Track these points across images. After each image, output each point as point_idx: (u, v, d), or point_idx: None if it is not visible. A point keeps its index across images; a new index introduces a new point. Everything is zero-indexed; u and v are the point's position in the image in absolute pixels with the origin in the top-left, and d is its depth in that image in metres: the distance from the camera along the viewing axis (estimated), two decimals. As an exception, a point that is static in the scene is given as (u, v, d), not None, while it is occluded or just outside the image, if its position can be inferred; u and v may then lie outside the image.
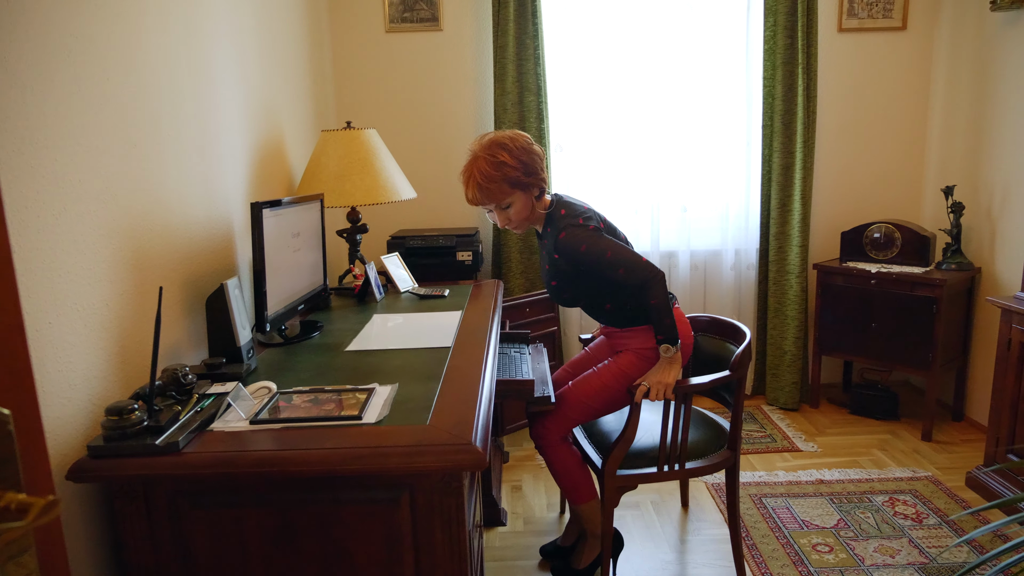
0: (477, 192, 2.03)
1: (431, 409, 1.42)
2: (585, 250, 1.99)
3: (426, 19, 3.53)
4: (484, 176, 2.00)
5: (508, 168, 1.99)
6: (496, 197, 2.03)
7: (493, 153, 2.01)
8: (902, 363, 3.26)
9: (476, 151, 2.04)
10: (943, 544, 2.37)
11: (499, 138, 2.04)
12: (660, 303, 1.97)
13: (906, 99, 3.65)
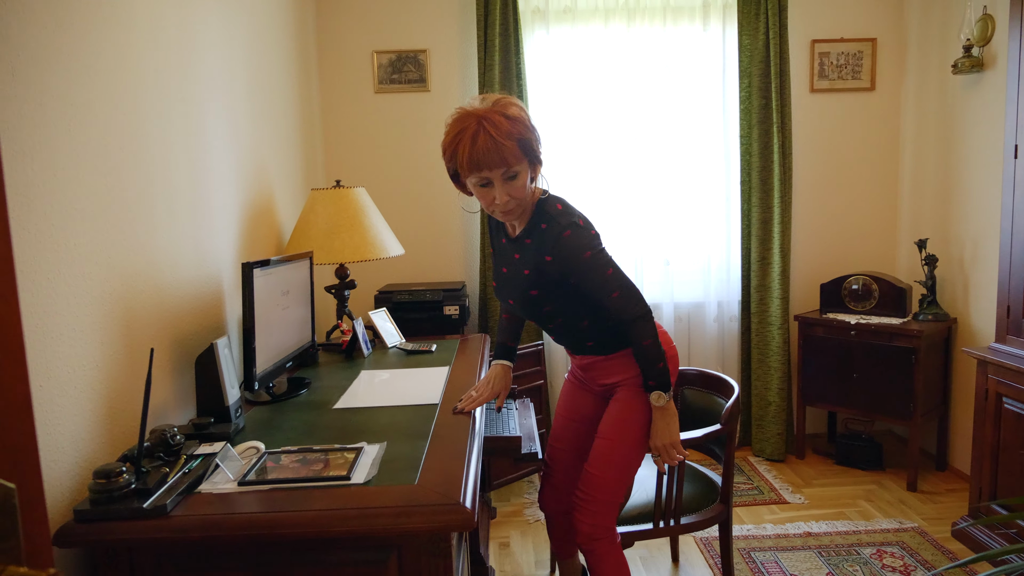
0: (485, 150, 1.60)
1: (419, 468, 1.43)
2: (589, 257, 1.71)
3: (414, 80, 3.64)
4: (498, 131, 1.60)
5: (523, 127, 1.65)
6: (507, 160, 1.62)
7: (505, 108, 1.65)
8: (884, 413, 3.30)
9: (478, 108, 1.65)
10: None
11: (506, 96, 1.71)
12: (653, 344, 1.73)
13: (878, 155, 3.79)
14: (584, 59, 3.59)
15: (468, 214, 3.69)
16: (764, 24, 3.47)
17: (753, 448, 3.69)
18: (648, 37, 3.55)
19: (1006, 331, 2.58)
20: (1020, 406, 2.42)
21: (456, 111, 1.69)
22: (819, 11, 3.68)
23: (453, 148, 1.67)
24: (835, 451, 3.59)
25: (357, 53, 3.62)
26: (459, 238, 3.74)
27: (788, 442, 3.64)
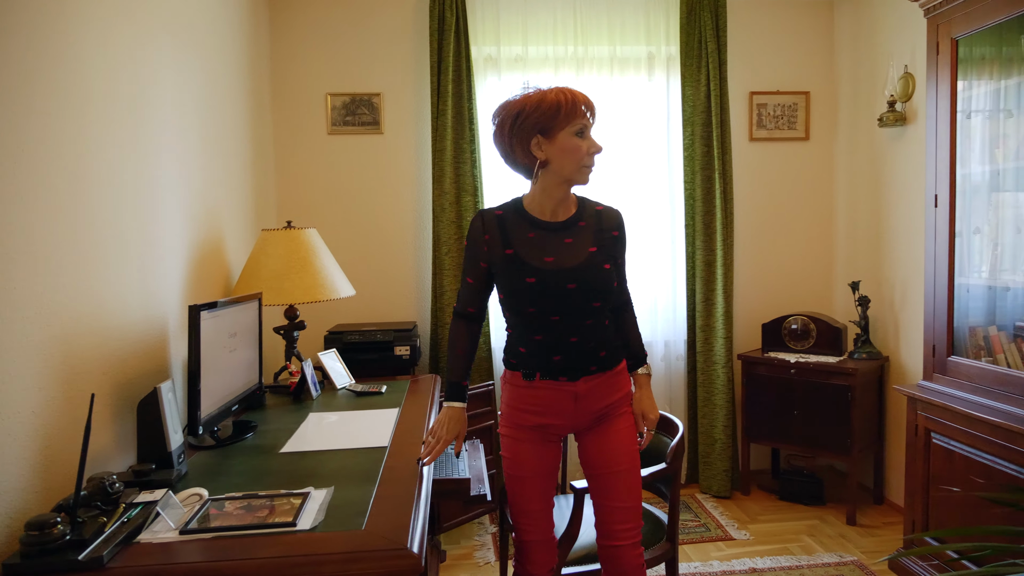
0: (585, 99, 1.73)
1: (367, 513, 1.43)
2: (620, 236, 1.87)
3: (368, 123, 3.68)
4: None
5: None
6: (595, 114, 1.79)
7: None
8: (824, 449, 3.41)
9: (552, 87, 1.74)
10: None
11: None
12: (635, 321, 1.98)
13: (814, 201, 3.98)
14: (534, 105, 3.70)
15: (419, 254, 3.72)
16: (705, 76, 3.64)
17: (700, 485, 3.75)
18: (596, 86, 3.69)
19: (932, 370, 2.71)
20: (948, 441, 2.54)
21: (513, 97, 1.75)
22: (757, 65, 3.88)
23: (548, 101, 1.68)
24: (779, 487, 3.68)
25: (311, 95, 3.65)
26: (410, 278, 3.76)
27: (734, 479, 3.72)
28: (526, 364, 1.83)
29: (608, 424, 1.87)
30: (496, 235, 1.80)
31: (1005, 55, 2.56)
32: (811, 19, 3.92)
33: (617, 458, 1.86)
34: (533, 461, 1.87)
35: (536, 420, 1.85)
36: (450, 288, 3.56)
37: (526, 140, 1.72)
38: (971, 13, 2.46)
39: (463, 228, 3.55)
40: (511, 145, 1.75)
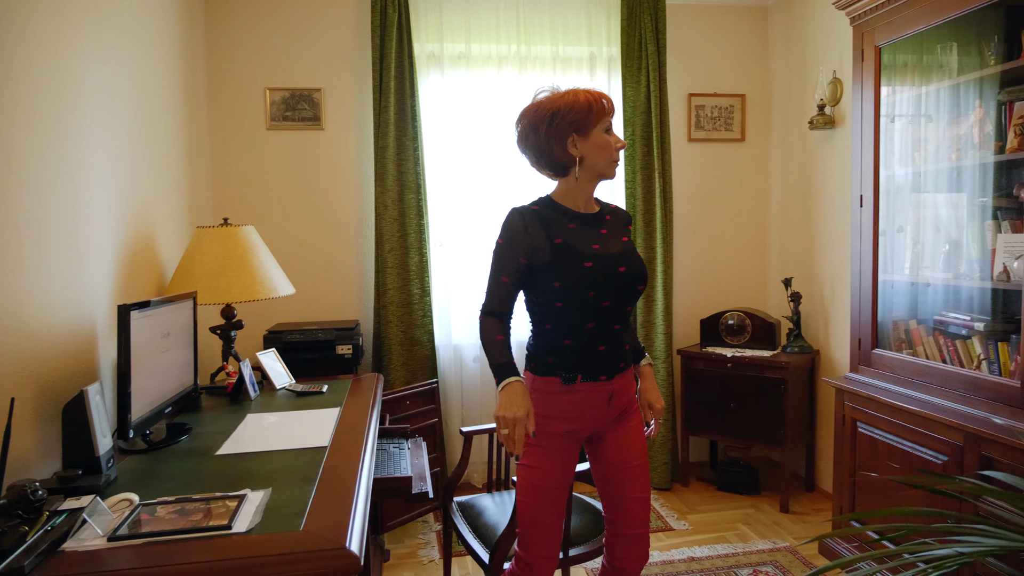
0: (610, 101, 1.84)
1: (305, 514, 1.41)
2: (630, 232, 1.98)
3: (308, 119, 3.62)
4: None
5: None
6: None
7: None
8: (759, 440, 3.53)
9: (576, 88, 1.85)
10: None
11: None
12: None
13: (749, 201, 4.11)
14: (478, 104, 3.70)
15: (361, 251, 3.69)
16: (646, 77, 3.72)
17: (642, 478, 3.83)
18: (539, 84, 3.70)
19: (858, 362, 2.84)
20: (872, 430, 2.66)
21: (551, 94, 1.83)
22: (695, 67, 3.98)
23: (580, 102, 1.77)
24: (716, 478, 3.79)
25: (249, 89, 3.57)
26: (353, 277, 3.72)
27: (674, 471, 3.81)
28: (565, 366, 1.81)
29: (626, 420, 1.92)
30: (539, 228, 1.82)
31: (925, 63, 2.70)
32: (747, 25, 4.04)
33: (636, 453, 1.91)
34: (559, 470, 1.84)
35: (566, 426, 1.83)
36: (393, 286, 3.54)
37: (563, 139, 1.79)
38: (893, 23, 2.58)
39: (407, 226, 3.54)
40: (548, 145, 1.80)
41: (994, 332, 2.37)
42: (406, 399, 3.12)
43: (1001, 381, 2.19)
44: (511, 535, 2.03)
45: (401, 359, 3.57)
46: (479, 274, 3.74)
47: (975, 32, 2.45)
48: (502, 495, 2.48)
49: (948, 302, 2.61)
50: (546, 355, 1.84)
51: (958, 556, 0.97)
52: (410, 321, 3.58)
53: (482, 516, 2.31)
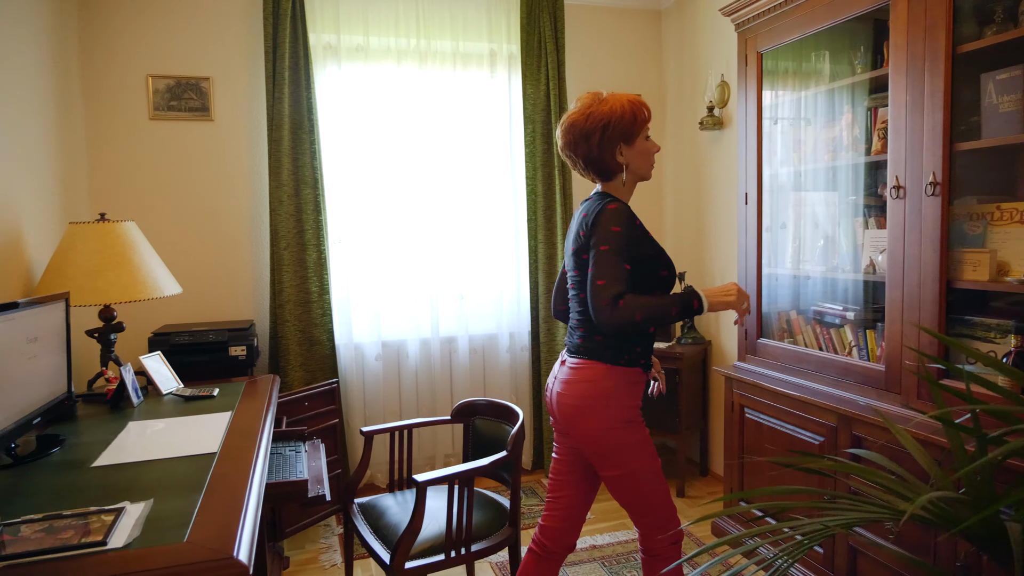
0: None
1: (190, 524, 1.34)
2: None
3: (196, 108, 3.44)
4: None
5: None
6: None
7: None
8: (656, 429, 3.66)
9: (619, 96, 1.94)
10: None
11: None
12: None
13: (645, 198, 4.24)
14: (378, 97, 3.64)
15: (256, 248, 3.55)
16: (545, 75, 3.77)
17: (546, 470, 3.89)
18: (439, 80, 3.69)
19: (745, 351, 3.00)
20: (758, 415, 2.82)
21: (592, 101, 1.91)
22: (592, 67, 4.07)
23: (628, 113, 1.88)
24: (617, 467, 3.90)
25: (129, 76, 3.35)
26: (247, 275, 3.57)
27: (577, 462, 3.89)
28: (646, 355, 1.94)
29: None
30: (638, 227, 1.89)
31: (803, 69, 2.88)
32: (642, 27, 4.17)
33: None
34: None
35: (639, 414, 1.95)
36: (290, 284, 3.43)
37: (613, 149, 1.89)
38: (773, 30, 2.74)
39: (303, 222, 3.43)
40: (599, 155, 1.90)
41: (863, 321, 2.56)
42: (304, 400, 3.02)
43: (869, 366, 2.37)
44: (412, 534, 2.01)
45: (299, 359, 3.46)
46: (380, 271, 3.68)
47: (846, 42, 2.64)
48: (404, 494, 2.45)
49: (825, 293, 2.80)
50: (634, 346, 1.91)
51: (825, 529, 1.04)
52: (308, 320, 3.48)
53: (384, 516, 2.28)
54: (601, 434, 1.87)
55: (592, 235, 1.83)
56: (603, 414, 1.86)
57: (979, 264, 2.05)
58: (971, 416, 1.16)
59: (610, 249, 1.79)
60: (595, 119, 1.87)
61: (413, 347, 3.73)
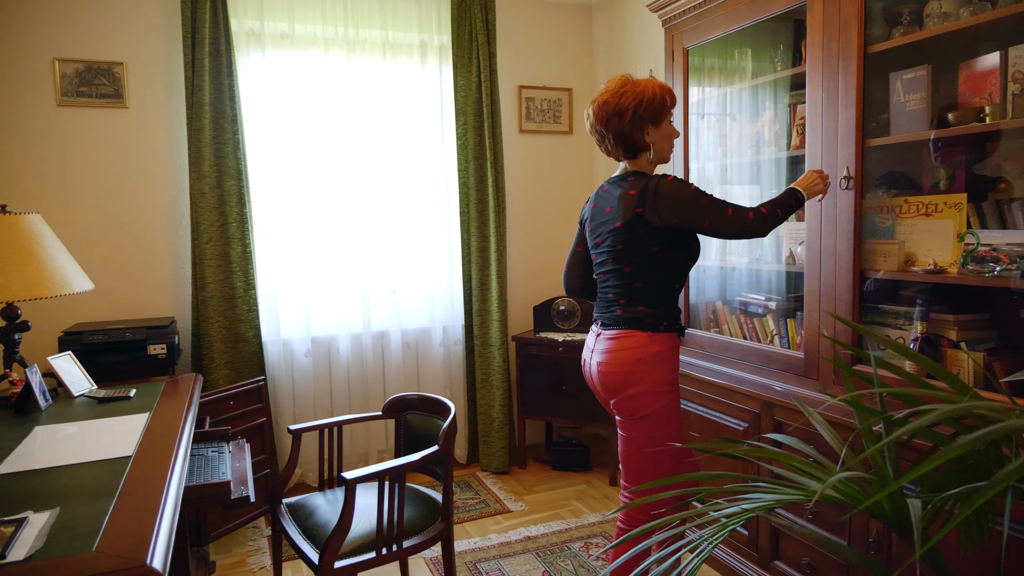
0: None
1: (100, 533, 1.27)
2: None
3: (108, 95, 3.27)
4: None
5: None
6: None
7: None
8: (589, 419, 3.71)
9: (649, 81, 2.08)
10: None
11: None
12: None
13: (578, 190, 4.29)
14: (304, 87, 3.54)
15: (176, 242, 3.40)
16: (476, 67, 3.74)
17: (481, 464, 3.89)
18: (369, 70, 3.62)
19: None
20: (686, 404, 2.89)
21: (624, 82, 2.04)
22: (524, 60, 4.07)
23: (658, 96, 2.03)
24: (552, 458, 3.94)
25: (34, 60, 3.15)
26: (166, 269, 3.42)
27: (512, 454, 3.91)
28: (680, 322, 2.10)
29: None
30: None
31: (729, 66, 2.95)
32: (572, 21, 4.20)
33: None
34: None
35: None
36: (213, 279, 3.30)
37: (643, 128, 2.03)
38: (698, 27, 2.80)
39: (227, 215, 3.31)
40: (630, 131, 2.03)
41: (785, 310, 2.65)
42: (229, 399, 2.92)
43: (789, 353, 2.46)
44: (342, 533, 1.97)
45: (224, 357, 3.34)
46: (309, 265, 3.59)
47: (768, 40, 2.72)
48: (335, 493, 2.40)
49: (750, 284, 2.89)
50: (672, 311, 2.07)
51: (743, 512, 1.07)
52: (233, 316, 3.36)
53: (313, 516, 2.22)
54: (645, 396, 2.00)
55: (672, 206, 1.96)
56: (648, 378, 2.00)
57: (889, 255, 2.16)
58: (878, 399, 1.21)
59: (707, 198, 1.97)
60: (629, 97, 2.01)
61: (344, 342, 3.66)
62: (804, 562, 2.31)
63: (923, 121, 2.07)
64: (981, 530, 1.16)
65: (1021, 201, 1.92)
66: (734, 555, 2.63)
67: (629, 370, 2.00)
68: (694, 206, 1.96)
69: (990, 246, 1.92)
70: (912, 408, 1.04)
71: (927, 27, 2.04)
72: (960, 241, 2.02)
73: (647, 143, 2.05)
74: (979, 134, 2.00)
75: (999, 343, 2.03)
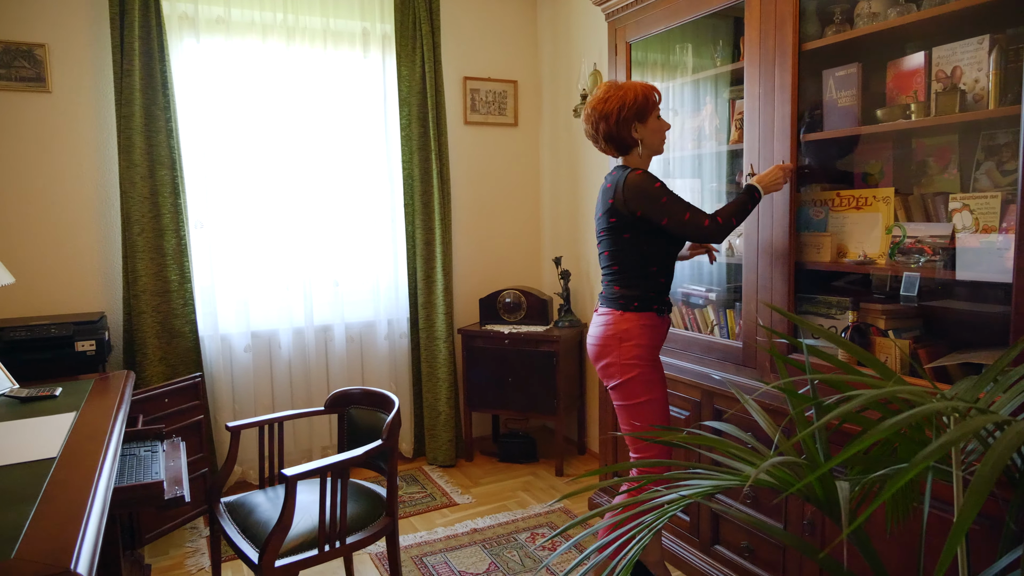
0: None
1: (19, 539, 1.21)
2: None
3: (29, 79, 3.10)
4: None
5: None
6: None
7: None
8: (535, 411, 3.73)
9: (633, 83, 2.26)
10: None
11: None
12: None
13: (523, 183, 4.29)
14: (242, 74, 3.43)
15: (106, 234, 3.26)
16: (420, 57, 3.70)
17: (427, 457, 3.87)
18: (309, 58, 3.54)
19: (618, 332, 3.10)
20: (629, 394, 2.93)
21: (609, 88, 2.23)
22: (470, 51, 4.05)
23: (640, 96, 2.19)
24: (498, 450, 3.95)
25: (-55, 39, 2.96)
26: (96, 262, 3.28)
27: (458, 447, 3.90)
28: (661, 301, 2.26)
29: None
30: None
31: (671, 61, 2.99)
32: (518, 13, 4.18)
33: None
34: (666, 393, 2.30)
35: (658, 354, 2.29)
36: (146, 273, 3.18)
37: (629, 126, 2.20)
38: (640, 22, 2.82)
39: (160, 206, 3.19)
40: (617, 131, 2.21)
41: (725, 301, 2.71)
42: (164, 397, 2.82)
43: (728, 343, 2.52)
44: (282, 531, 1.93)
45: (159, 353, 3.22)
46: (248, 258, 3.49)
47: (708, 36, 2.77)
48: (276, 490, 2.35)
49: (692, 276, 2.94)
50: (648, 292, 2.23)
51: (681, 499, 1.09)
52: (168, 311, 3.24)
53: (253, 514, 2.17)
54: (614, 367, 2.23)
55: (636, 199, 2.14)
56: (616, 352, 2.22)
57: (822, 247, 2.23)
58: (810, 386, 1.25)
59: (668, 197, 2.13)
60: (612, 102, 2.20)
61: (286, 336, 3.58)
62: (743, 545, 2.38)
63: (854, 117, 2.14)
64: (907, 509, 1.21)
65: (943, 195, 2.01)
66: (676, 540, 2.69)
67: (602, 343, 2.26)
68: (655, 202, 2.13)
69: (915, 238, 2.01)
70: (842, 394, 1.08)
71: (858, 26, 2.10)
72: (888, 233, 2.10)
73: (635, 139, 2.22)
74: (905, 130, 2.08)
75: (924, 331, 2.13)
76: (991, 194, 1.86)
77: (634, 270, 2.23)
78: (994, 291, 1.94)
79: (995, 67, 1.78)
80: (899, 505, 1.23)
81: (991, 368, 1.16)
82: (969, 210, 1.89)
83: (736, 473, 1.15)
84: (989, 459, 0.79)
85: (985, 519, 1.63)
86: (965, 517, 0.75)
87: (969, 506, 0.74)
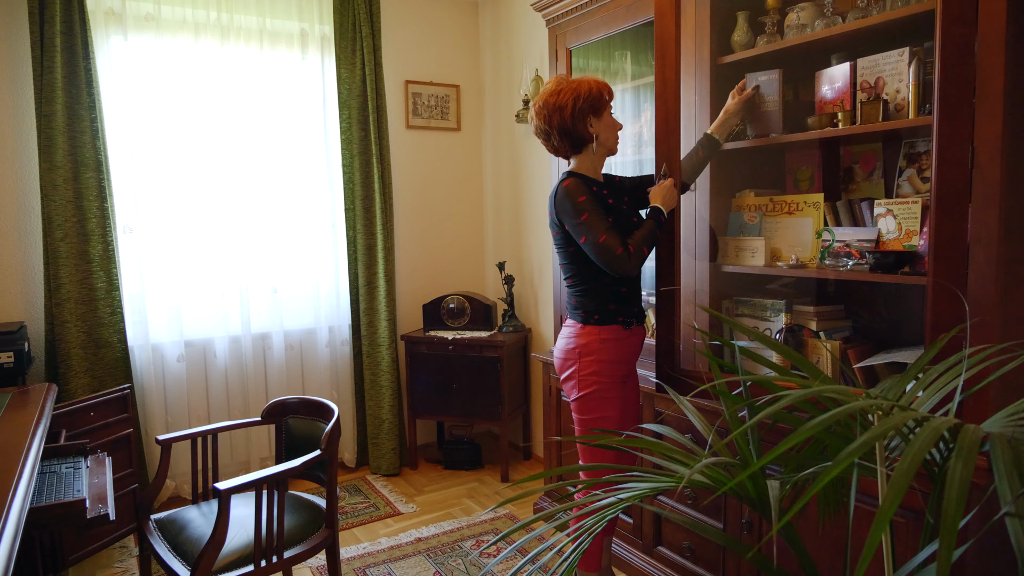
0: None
1: (-81, 566, 1.13)
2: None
3: (-61, 75, 2.92)
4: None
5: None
6: None
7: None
8: (480, 416, 3.72)
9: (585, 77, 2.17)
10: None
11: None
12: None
13: (466, 188, 4.27)
14: (174, 74, 3.31)
15: (26, 239, 3.10)
16: (361, 60, 3.65)
17: (371, 466, 3.81)
18: (244, 59, 3.44)
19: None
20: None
21: (560, 81, 2.16)
22: (411, 55, 4.01)
23: (595, 89, 2.12)
24: (443, 457, 3.91)
25: None
26: (15, 269, 3.11)
27: (402, 456, 3.85)
28: (624, 312, 2.17)
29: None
30: (596, 193, 2.11)
31: (612, 68, 3.03)
32: (459, 17, 4.17)
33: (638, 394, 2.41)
34: (627, 412, 2.27)
35: (624, 370, 2.21)
36: (70, 280, 3.03)
37: (584, 119, 2.12)
38: (580, 28, 2.85)
39: (85, 210, 3.05)
40: (572, 124, 2.12)
41: (663, 304, 2.75)
42: (90, 410, 2.69)
43: (668, 346, 2.56)
44: (215, 547, 1.86)
45: (84, 364, 3.08)
46: (180, 264, 3.37)
47: (646, 43, 2.81)
48: (210, 505, 2.27)
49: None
50: (607, 304, 2.15)
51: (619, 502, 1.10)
52: (94, 320, 3.10)
53: (184, 531, 2.09)
54: (571, 381, 2.18)
55: (562, 212, 2.08)
56: (575, 366, 2.16)
57: (757, 251, 2.29)
58: (742, 387, 1.28)
59: (590, 214, 2.04)
60: (567, 94, 2.11)
61: (221, 345, 3.47)
62: (685, 546, 2.41)
63: (777, 122, 2.20)
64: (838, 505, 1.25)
65: (869, 201, 2.09)
66: (620, 543, 2.71)
67: (563, 357, 2.22)
68: (575, 218, 2.07)
69: (844, 242, 2.08)
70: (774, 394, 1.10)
71: (788, 37, 2.17)
72: (818, 238, 2.17)
73: (591, 134, 2.15)
74: (833, 138, 2.15)
75: (853, 332, 2.21)
76: (912, 199, 1.94)
77: (589, 281, 2.16)
78: (917, 293, 2.02)
79: (914, 78, 1.86)
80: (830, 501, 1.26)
81: (912, 367, 1.20)
82: (893, 215, 1.97)
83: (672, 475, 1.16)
84: (908, 454, 0.82)
85: (909, 512, 1.69)
86: (886, 509, 0.77)
87: (890, 499, 0.77)
